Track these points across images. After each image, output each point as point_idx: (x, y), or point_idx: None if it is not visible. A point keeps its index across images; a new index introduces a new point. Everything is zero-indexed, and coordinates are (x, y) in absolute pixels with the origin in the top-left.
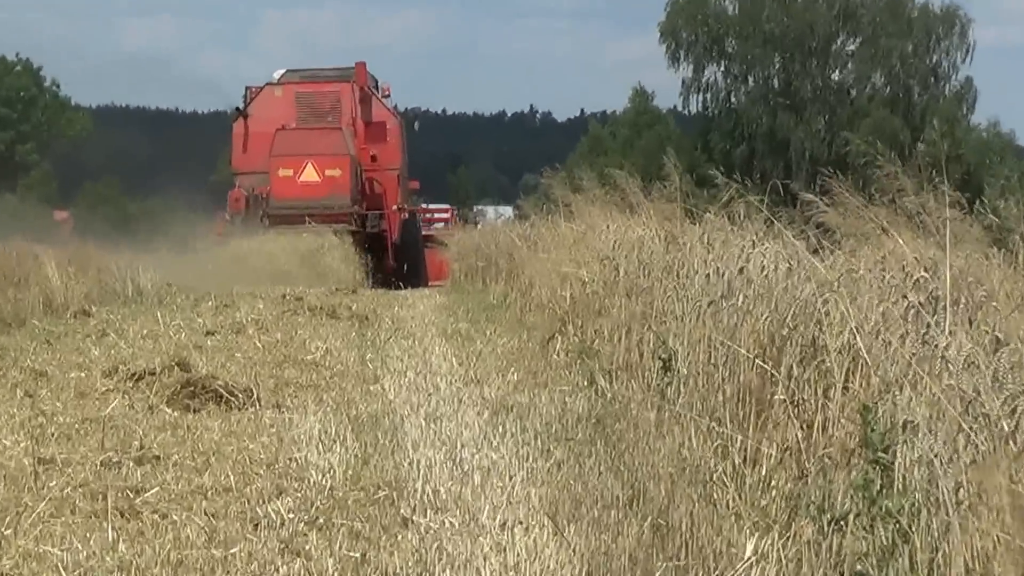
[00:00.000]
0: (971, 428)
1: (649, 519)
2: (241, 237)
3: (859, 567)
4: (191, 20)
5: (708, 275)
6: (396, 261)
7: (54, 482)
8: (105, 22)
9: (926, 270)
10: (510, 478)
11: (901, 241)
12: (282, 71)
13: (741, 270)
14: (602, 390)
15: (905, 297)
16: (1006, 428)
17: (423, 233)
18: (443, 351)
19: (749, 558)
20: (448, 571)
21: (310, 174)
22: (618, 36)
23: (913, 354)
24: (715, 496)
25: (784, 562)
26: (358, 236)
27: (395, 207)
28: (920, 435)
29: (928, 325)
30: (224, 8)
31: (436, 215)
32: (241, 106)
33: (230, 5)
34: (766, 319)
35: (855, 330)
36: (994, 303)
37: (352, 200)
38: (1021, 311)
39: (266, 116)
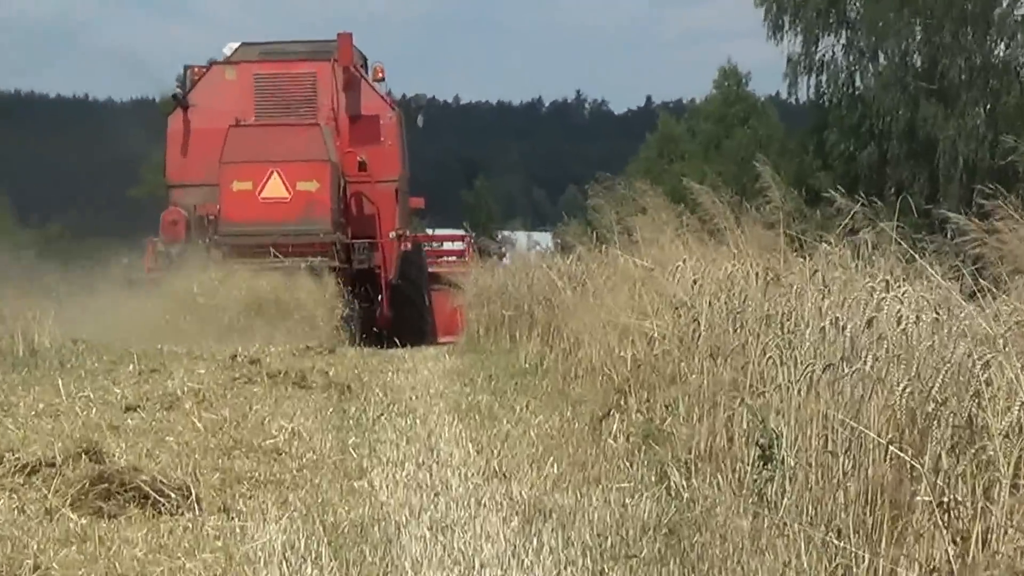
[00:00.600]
0: None
1: None
2: (177, 275)
3: None
4: None
5: (824, 329)
6: (393, 308)
7: None
8: None
9: None
10: None
11: None
12: (235, 44)
13: (869, 322)
14: (676, 488)
15: None
16: None
17: (429, 270)
18: (455, 434)
19: None
20: None
21: (276, 188)
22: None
23: None
24: None
25: None
26: (341, 273)
27: (392, 234)
28: None
29: None
30: None
31: (446, 245)
32: (179, 93)
33: None
34: (904, 390)
35: None
36: None
37: (334, 224)
38: None
39: (214, 107)
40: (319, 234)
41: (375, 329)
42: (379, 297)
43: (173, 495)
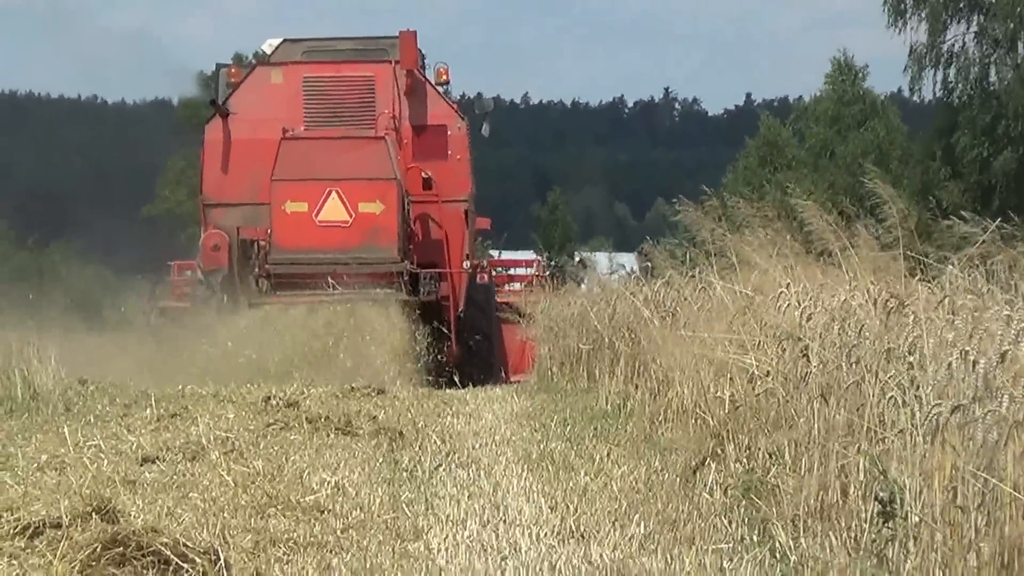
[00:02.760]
0: None
1: None
2: (221, 310)
3: None
4: None
5: (951, 364)
6: (460, 344)
7: None
8: None
9: None
10: None
11: None
12: (276, 41)
13: (1004, 356)
14: (784, 549)
15: None
16: None
17: (495, 299)
18: (525, 487)
19: None
20: None
21: (335, 210)
22: None
23: None
24: None
25: None
26: (407, 307)
27: (466, 264)
28: None
29: None
30: None
31: (515, 270)
32: (217, 98)
33: None
34: None
35: None
36: None
37: (400, 251)
38: None
39: (258, 114)
40: (384, 262)
41: (443, 367)
42: (449, 331)
43: (199, 560)
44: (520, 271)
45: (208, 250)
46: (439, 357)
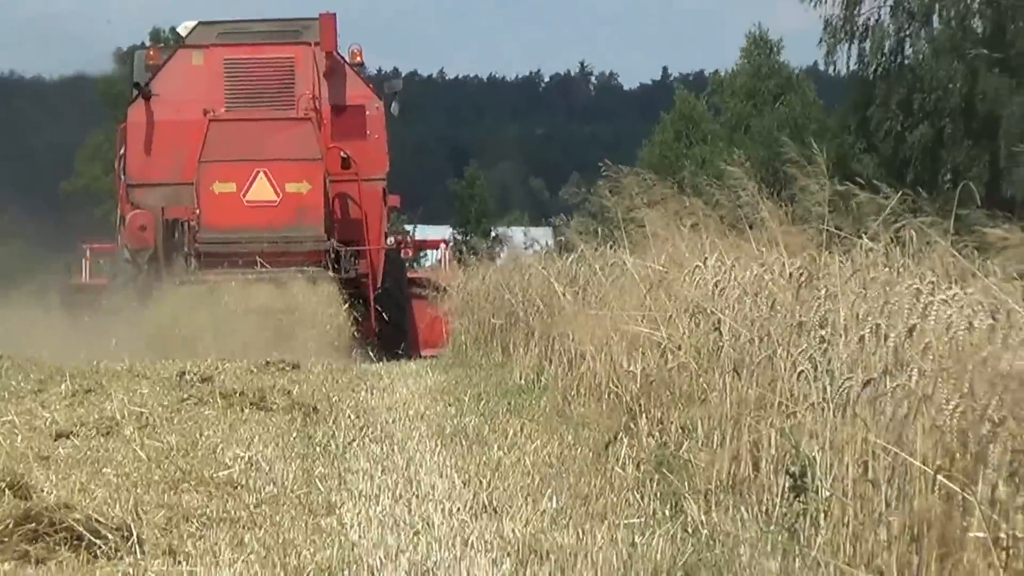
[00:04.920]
0: None
1: None
2: (160, 285)
3: None
4: None
5: (863, 338)
6: (378, 320)
7: None
8: None
9: None
10: None
11: None
12: (192, 24)
13: (912, 330)
14: (694, 524)
15: None
16: None
17: (408, 275)
18: (439, 462)
19: None
20: None
21: (263, 190)
22: None
23: None
24: None
25: None
26: (335, 284)
27: (391, 240)
28: None
29: None
30: None
31: (428, 246)
32: (139, 82)
33: None
34: (955, 409)
35: None
36: None
37: (327, 229)
38: None
39: (181, 96)
40: (311, 241)
41: (362, 343)
42: (368, 308)
43: (111, 536)
44: (432, 246)
45: (135, 229)
46: (357, 333)
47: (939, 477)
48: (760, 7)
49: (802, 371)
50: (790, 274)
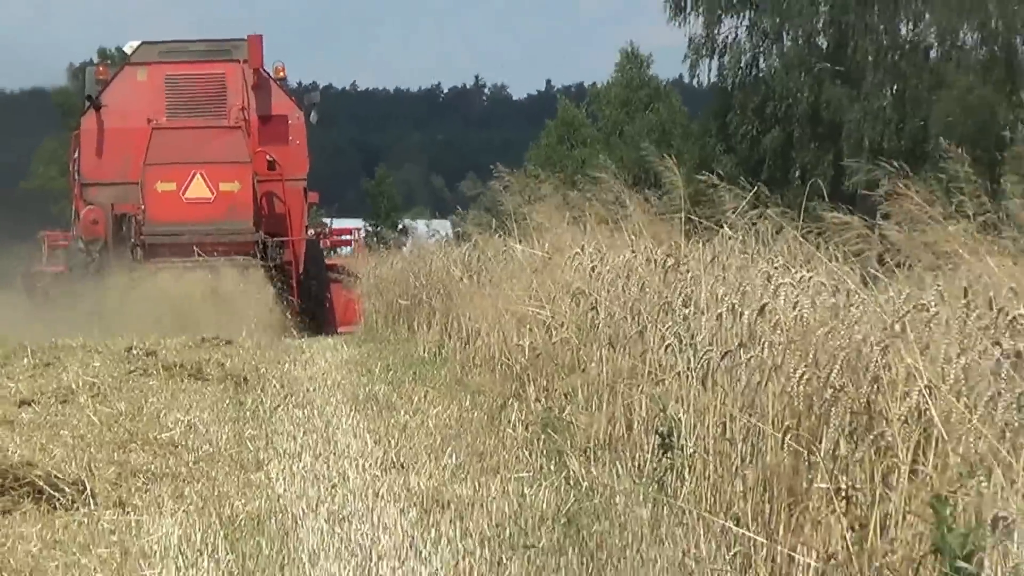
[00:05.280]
0: None
1: None
2: (106, 272)
3: None
4: None
5: (720, 316)
6: (301, 301)
7: None
8: None
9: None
10: None
11: (992, 265)
12: (136, 43)
13: (764, 308)
14: (576, 477)
15: (998, 344)
16: None
17: (326, 262)
18: (353, 425)
19: None
20: None
21: (199, 189)
22: None
23: (1007, 424)
24: None
25: None
26: (264, 270)
27: (311, 231)
28: (1017, 537)
29: None
30: None
31: (342, 237)
32: (91, 95)
33: None
34: (801, 377)
35: (927, 391)
36: None
37: (255, 223)
38: None
39: (127, 107)
40: (242, 233)
41: (286, 322)
42: (292, 291)
43: (68, 490)
44: (347, 237)
45: (88, 223)
46: (282, 313)
47: (787, 437)
48: (633, 26)
49: (668, 344)
50: (657, 260)
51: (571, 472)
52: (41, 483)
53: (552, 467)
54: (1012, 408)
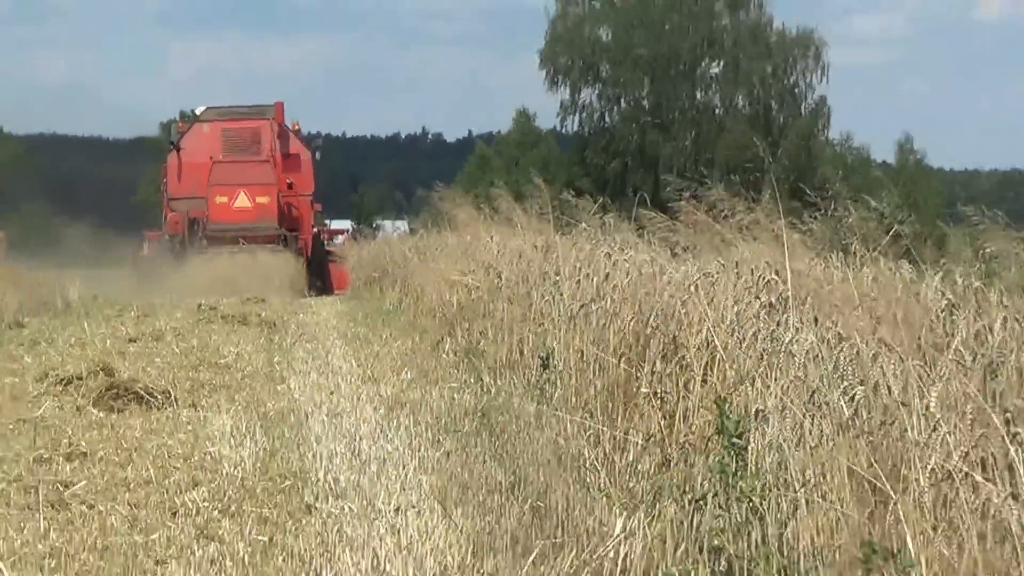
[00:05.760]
0: (815, 416)
1: (529, 502)
2: (184, 255)
3: (716, 542)
4: (103, 52)
5: (579, 281)
6: (312, 275)
7: None
8: (20, 54)
9: (777, 273)
10: (403, 467)
11: (743, 249)
12: (202, 108)
13: (607, 276)
14: (487, 386)
15: (757, 298)
16: (845, 414)
17: (326, 248)
18: (343, 353)
19: (618, 535)
20: (347, 552)
21: (243, 201)
22: (502, 62)
23: (764, 349)
24: (588, 480)
25: (649, 538)
26: (287, 253)
27: (315, 229)
28: (770, 422)
29: (777, 323)
30: (132, 42)
31: (336, 232)
32: (174, 141)
33: (137, 38)
34: (631, 320)
35: (712, 328)
36: (835, 303)
37: (278, 224)
38: (860, 309)
39: (196, 149)
40: (270, 230)
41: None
42: (305, 268)
43: (159, 396)
44: (340, 232)
45: (172, 223)
46: (298, 281)
47: (622, 360)
48: (529, 91)
49: (546, 299)
50: (538, 246)
51: (484, 383)
52: (142, 392)
53: (472, 380)
54: (767, 340)
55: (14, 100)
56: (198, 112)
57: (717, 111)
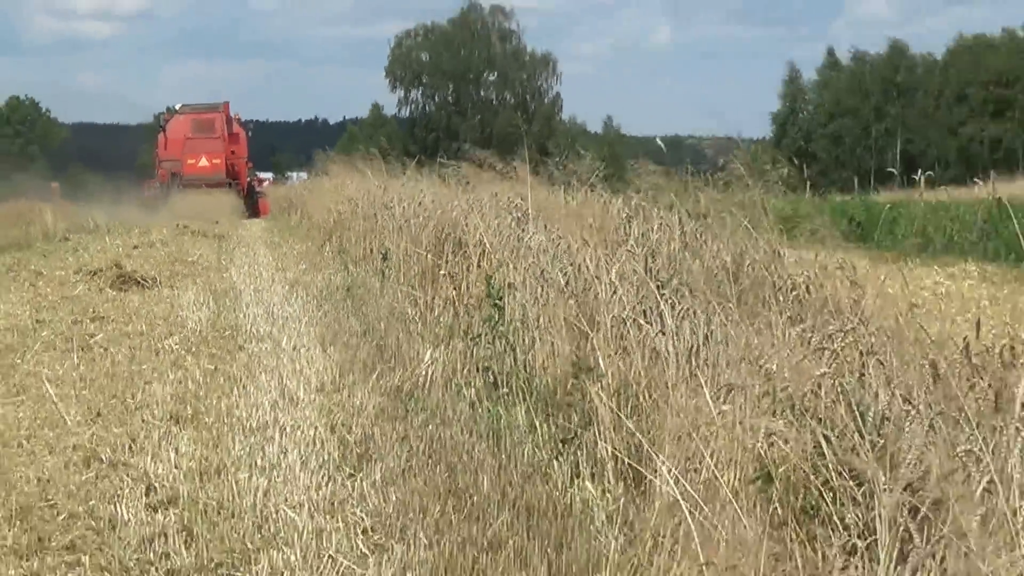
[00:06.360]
0: (543, 285)
1: (375, 342)
2: (171, 196)
3: (486, 364)
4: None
5: (404, 207)
6: (247, 206)
7: (44, 332)
8: (71, 65)
9: (522, 200)
10: (298, 322)
11: (504, 186)
12: (180, 104)
13: (420, 203)
14: (350, 272)
15: (510, 214)
16: (561, 284)
17: (256, 190)
18: (264, 253)
19: (428, 361)
20: (263, 374)
21: (204, 162)
22: (365, 72)
23: (514, 246)
24: (410, 328)
25: (446, 363)
26: (233, 193)
27: (249, 178)
28: (520, 290)
29: (522, 229)
30: (132, 63)
31: (262, 180)
32: (162, 125)
33: (137, 60)
34: (434, 227)
35: (483, 233)
36: (559, 216)
37: (226, 176)
38: (572, 219)
39: (175, 130)
40: (221, 180)
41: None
42: (243, 202)
43: (150, 281)
44: (265, 180)
45: (161, 177)
46: (238, 210)
47: (429, 253)
48: (379, 91)
49: (384, 217)
50: (377, 186)
51: (349, 270)
52: (139, 279)
53: (341, 267)
54: (515, 239)
55: (63, 95)
56: (176, 107)
57: (494, 103)
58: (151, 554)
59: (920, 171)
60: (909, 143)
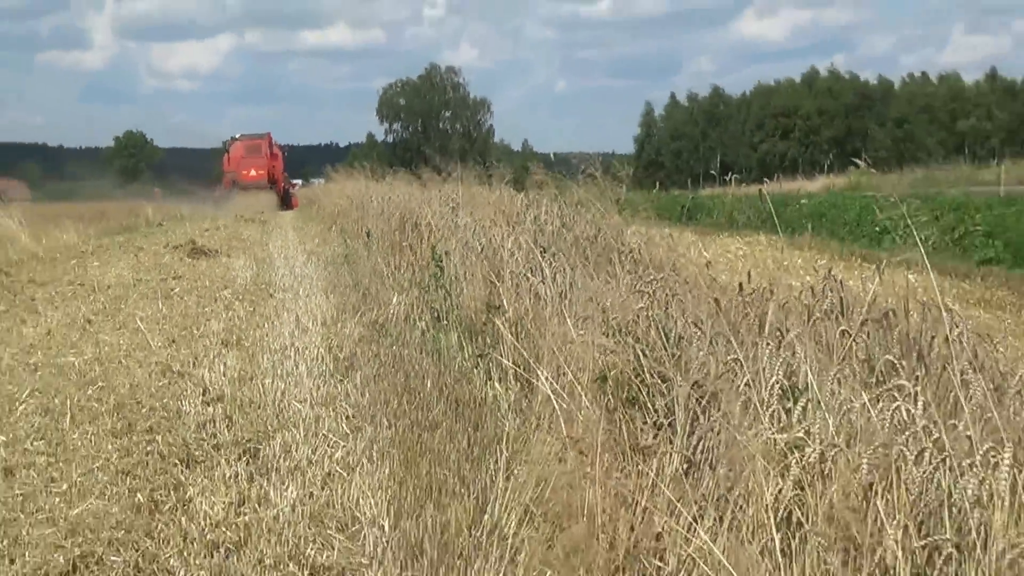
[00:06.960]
0: (467, 252)
1: (360, 291)
2: (232, 196)
3: (434, 306)
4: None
5: (381, 199)
6: (282, 202)
7: (140, 286)
8: (164, 105)
9: (456, 196)
10: (311, 279)
11: (449, 186)
12: (239, 134)
13: (390, 199)
14: (349, 245)
15: (449, 205)
16: (479, 249)
17: (290, 192)
18: (292, 234)
19: (395, 303)
20: (286, 313)
21: (254, 173)
22: (362, 111)
23: (447, 224)
24: (385, 280)
25: (406, 304)
26: (273, 194)
27: (284, 184)
28: (453, 255)
29: (456, 214)
30: (208, 107)
31: (294, 184)
32: (227, 148)
33: (210, 104)
34: (399, 215)
35: (431, 218)
36: (481, 205)
37: (269, 183)
38: (492, 206)
39: (235, 152)
40: (264, 185)
41: (278, 208)
42: (280, 200)
43: (214, 252)
44: (296, 184)
45: (226, 183)
46: (277, 205)
47: (396, 232)
48: (373, 124)
49: (371, 209)
50: (368, 188)
51: (347, 243)
52: (207, 250)
53: (342, 242)
54: (449, 220)
55: (162, 128)
56: (236, 136)
57: (448, 132)
58: (203, 434)
59: (731, 174)
60: (725, 156)
